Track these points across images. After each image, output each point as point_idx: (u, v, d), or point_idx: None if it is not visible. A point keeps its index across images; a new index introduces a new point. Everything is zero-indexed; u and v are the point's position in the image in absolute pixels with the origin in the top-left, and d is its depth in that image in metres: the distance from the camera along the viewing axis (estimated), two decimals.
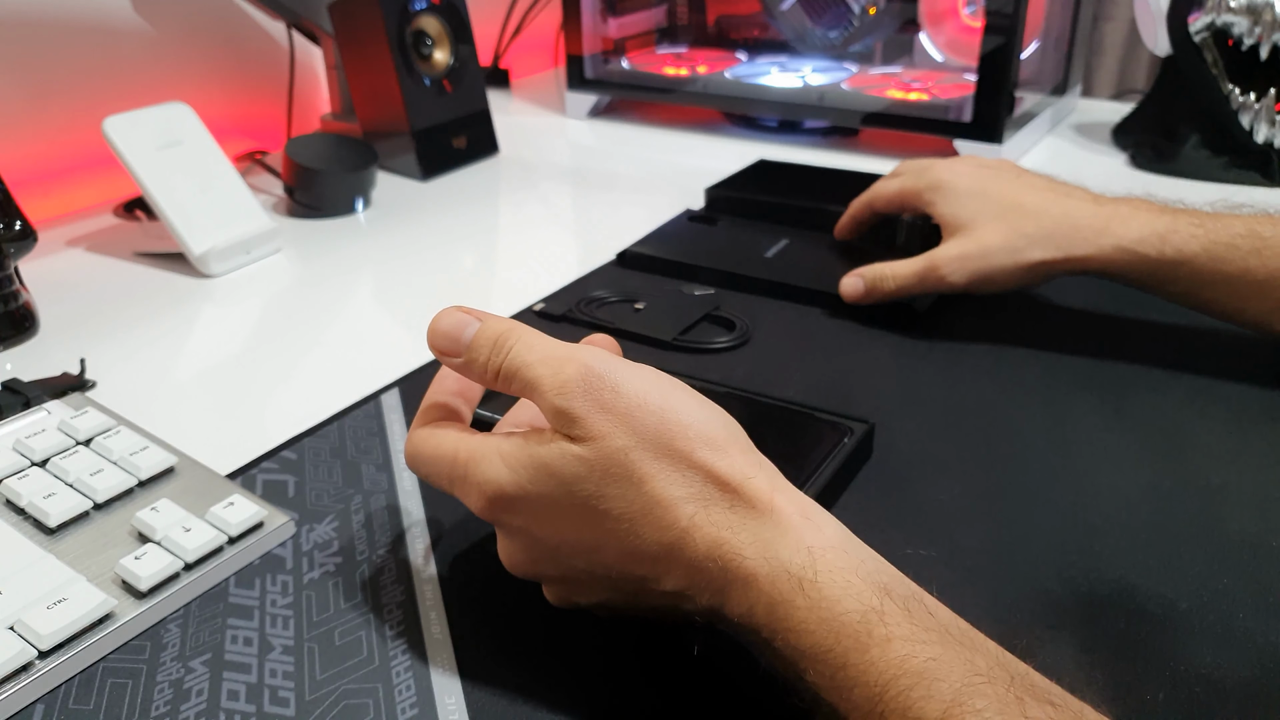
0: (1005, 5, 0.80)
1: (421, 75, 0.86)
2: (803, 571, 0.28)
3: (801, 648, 0.28)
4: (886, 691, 0.26)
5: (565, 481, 0.31)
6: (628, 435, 0.30)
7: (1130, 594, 0.37)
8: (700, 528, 0.30)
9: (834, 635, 0.27)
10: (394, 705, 0.33)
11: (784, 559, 0.29)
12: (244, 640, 0.36)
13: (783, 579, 0.28)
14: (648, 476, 0.30)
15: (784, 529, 0.29)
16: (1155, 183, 0.82)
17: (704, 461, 0.30)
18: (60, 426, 0.45)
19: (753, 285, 0.62)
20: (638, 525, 0.30)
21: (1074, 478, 0.43)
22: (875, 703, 0.26)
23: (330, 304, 0.64)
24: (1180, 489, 0.42)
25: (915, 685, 0.26)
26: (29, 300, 0.60)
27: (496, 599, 0.37)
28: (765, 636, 0.29)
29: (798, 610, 0.28)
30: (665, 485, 0.30)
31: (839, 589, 0.28)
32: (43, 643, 0.34)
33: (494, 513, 0.33)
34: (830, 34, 1.00)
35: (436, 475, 0.35)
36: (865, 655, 0.27)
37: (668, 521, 0.30)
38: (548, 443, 0.31)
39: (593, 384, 0.31)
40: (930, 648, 0.26)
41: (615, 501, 0.30)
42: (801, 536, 0.29)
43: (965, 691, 0.25)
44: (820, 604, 0.28)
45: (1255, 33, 0.77)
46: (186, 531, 0.39)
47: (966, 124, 0.84)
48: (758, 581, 0.29)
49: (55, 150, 0.82)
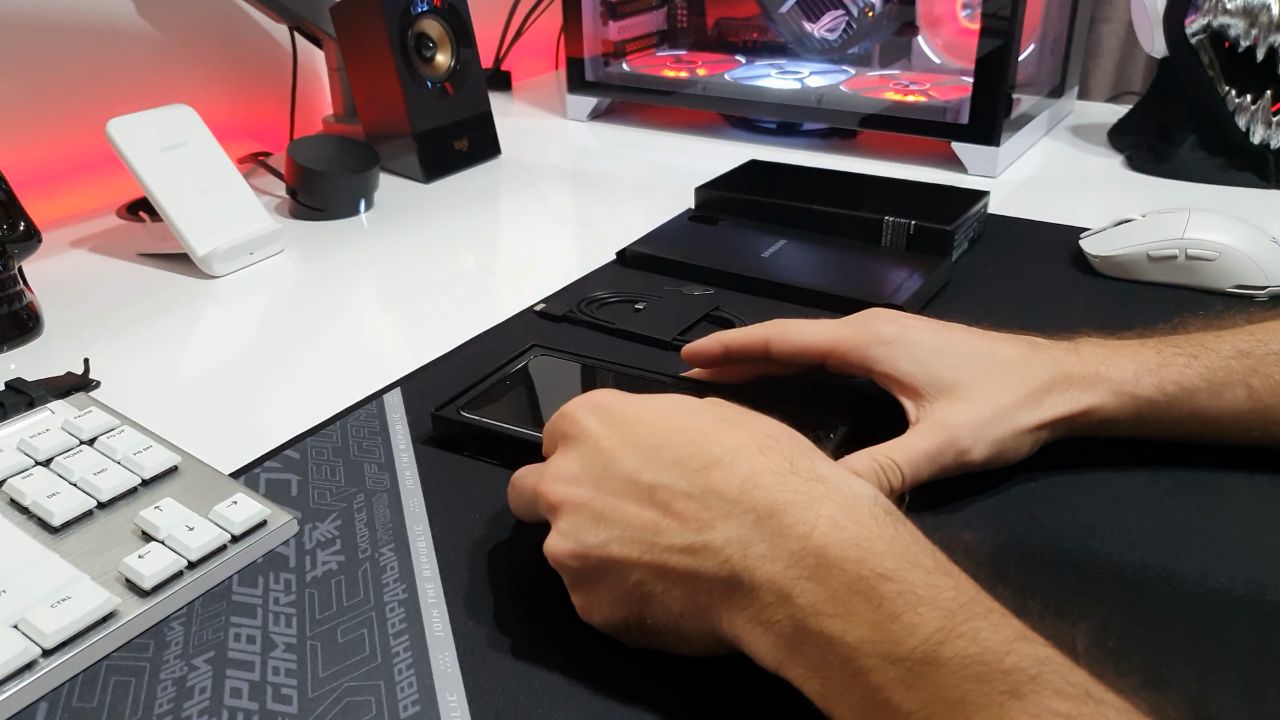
0: (1002, 8, 0.80)
1: (423, 78, 0.86)
2: (886, 506, 0.30)
3: (868, 564, 0.28)
4: (957, 615, 0.26)
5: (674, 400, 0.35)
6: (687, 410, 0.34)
7: (1130, 594, 0.37)
8: (775, 449, 0.32)
9: (910, 559, 0.28)
10: (396, 703, 0.33)
11: (867, 492, 0.30)
12: (247, 638, 0.36)
13: (865, 500, 0.30)
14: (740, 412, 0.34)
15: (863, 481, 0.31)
16: (1152, 184, 0.82)
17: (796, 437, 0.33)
18: (64, 426, 0.45)
19: (752, 285, 0.63)
20: (718, 430, 0.32)
21: (1073, 477, 0.44)
22: (942, 624, 0.26)
23: (333, 304, 0.65)
24: (1180, 487, 0.43)
25: (985, 615, 0.26)
26: (33, 301, 0.61)
27: (498, 597, 0.38)
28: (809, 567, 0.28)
29: (874, 529, 0.29)
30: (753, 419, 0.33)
31: (912, 535, 0.29)
32: (46, 641, 0.34)
33: (580, 412, 0.35)
34: (828, 37, 1.01)
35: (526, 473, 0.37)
36: (941, 580, 0.27)
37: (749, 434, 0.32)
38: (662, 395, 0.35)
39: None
40: (998, 605, 0.27)
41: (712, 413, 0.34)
42: (879, 493, 0.31)
43: (1028, 634, 0.26)
44: (900, 532, 0.29)
45: (1251, 34, 0.77)
46: (190, 530, 0.39)
47: (964, 126, 0.85)
48: (834, 499, 0.30)
49: (59, 152, 0.83)
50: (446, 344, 0.57)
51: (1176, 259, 0.61)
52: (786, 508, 0.29)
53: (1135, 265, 0.62)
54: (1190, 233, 0.61)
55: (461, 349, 0.57)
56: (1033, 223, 0.74)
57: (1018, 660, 0.25)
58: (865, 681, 0.26)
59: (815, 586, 0.28)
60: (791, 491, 0.30)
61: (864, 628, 0.27)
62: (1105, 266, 0.64)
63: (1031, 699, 0.24)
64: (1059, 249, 0.68)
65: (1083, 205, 0.78)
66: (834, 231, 0.69)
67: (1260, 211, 0.75)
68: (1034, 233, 0.72)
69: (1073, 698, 0.24)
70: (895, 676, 0.26)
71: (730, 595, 0.30)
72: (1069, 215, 0.74)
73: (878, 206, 0.69)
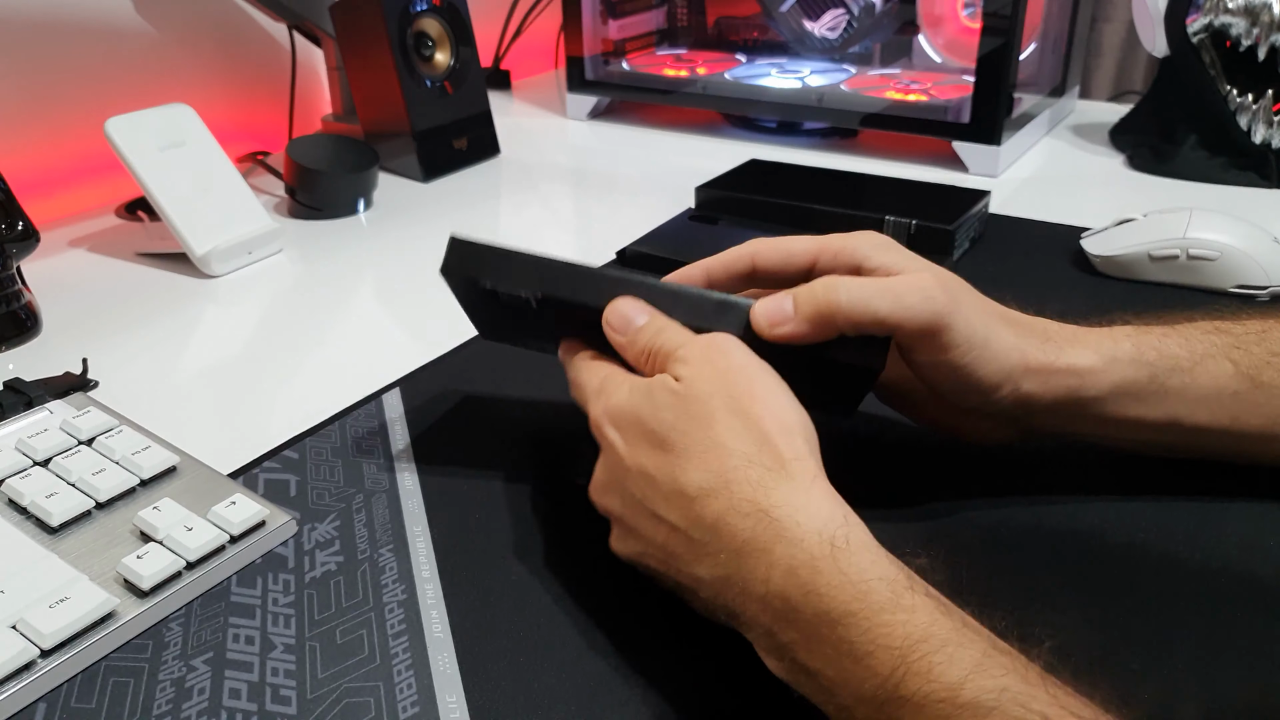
0: (1003, 7, 0.80)
1: (423, 77, 0.86)
2: (834, 537, 0.30)
3: (820, 610, 0.28)
4: (909, 655, 0.27)
5: (655, 406, 0.34)
6: (718, 386, 0.34)
7: (1130, 594, 0.37)
8: (739, 484, 0.31)
9: (860, 599, 0.28)
10: (395, 704, 0.33)
11: (815, 524, 0.30)
12: (245, 639, 0.36)
13: (812, 539, 0.30)
14: (715, 422, 0.33)
15: (819, 502, 0.31)
16: (1154, 184, 0.82)
17: (767, 431, 0.33)
18: (62, 426, 0.45)
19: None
20: (691, 461, 0.33)
21: (1072, 477, 0.43)
22: (896, 666, 0.27)
23: (332, 304, 0.64)
24: (1179, 486, 0.43)
25: (938, 650, 0.27)
26: (31, 300, 0.61)
27: (497, 598, 0.38)
28: (777, 610, 0.29)
29: (823, 572, 0.29)
30: (726, 434, 0.33)
31: (868, 559, 0.29)
32: (45, 641, 0.34)
33: (603, 423, 0.36)
34: (829, 36, 1.00)
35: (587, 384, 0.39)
36: (891, 617, 0.27)
37: (715, 466, 0.32)
38: (659, 377, 0.35)
39: (711, 346, 0.35)
40: (952, 621, 0.28)
41: (682, 435, 0.33)
42: (834, 511, 0.31)
43: (986, 662, 0.26)
44: (849, 568, 0.29)
45: (1253, 34, 0.77)
46: (188, 531, 0.39)
47: (965, 125, 0.85)
48: (783, 541, 0.30)
49: (57, 151, 0.83)
50: (446, 344, 0.57)
51: (1178, 259, 0.61)
52: (749, 552, 0.31)
53: (1136, 265, 0.62)
54: (1191, 232, 0.61)
55: (461, 349, 0.57)
56: (1034, 222, 0.74)
57: (974, 693, 0.26)
58: (851, 714, 0.28)
59: (788, 627, 0.29)
60: (749, 533, 0.31)
61: (834, 669, 0.28)
62: (1106, 266, 0.64)
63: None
64: (1060, 249, 0.68)
65: (1084, 205, 0.78)
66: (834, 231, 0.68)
67: (1261, 211, 0.75)
68: (1035, 232, 0.72)
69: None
70: (867, 714, 0.27)
71: (732, 618, 0.32)
72: (1070, 215, 0.74)
73: (878, 206, 0.69)
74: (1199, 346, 0.40)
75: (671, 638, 0.36)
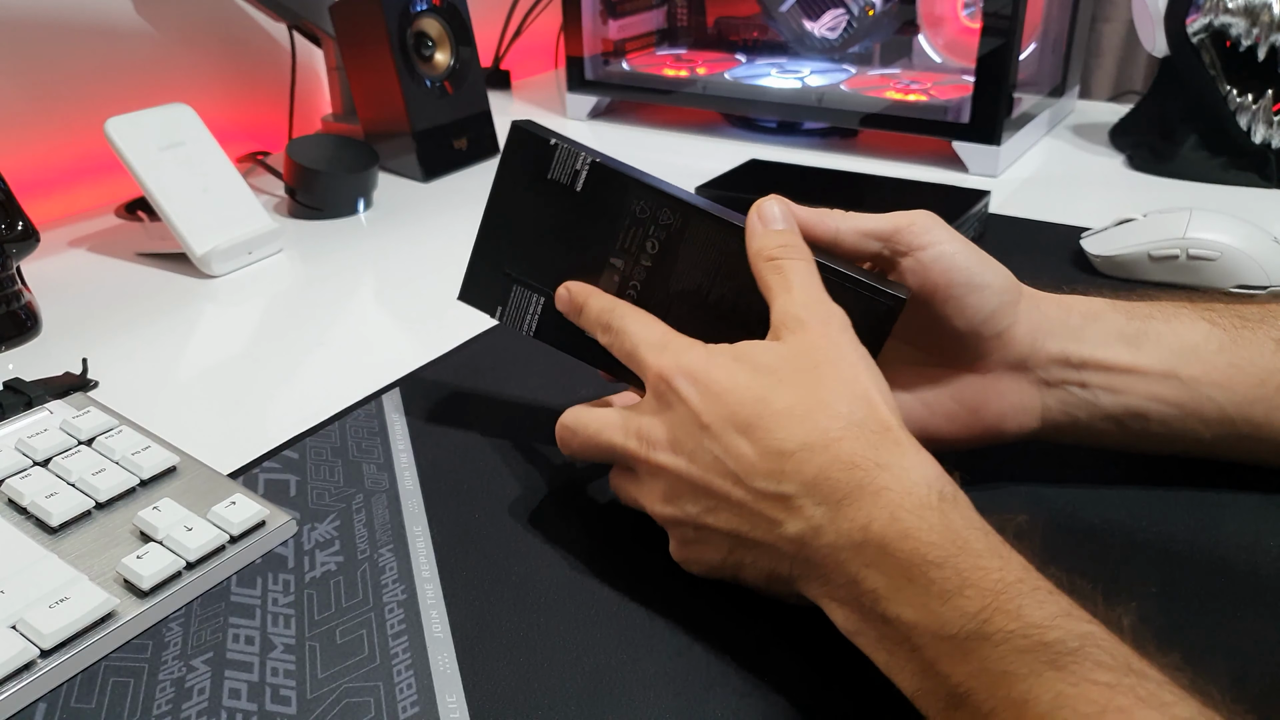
0: (1003, 7, 0.80)
1: (423, 76, 0.86)
2: (941, 491, 0.31)
3: (917, 553, 0.29)
4: (1000, 596, 0.28)
5: (754, 363, 0.35)
6: (828, 347, 0.35)
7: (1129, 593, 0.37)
8: (845, 441, 0.32)
9: (959, 545, 0.29)
10: (395, 704, 0.33)
11: (925, 479, 0.31)
12: (245, 639, 0.36)
13: (921, 489, 0.31)
14: (825, 382, 0.34)
15: (925, 463, 0.32)
16: (1153, 184, 0.82)
17: (873, 400, 0.34)
18: (62, 426, 0.45)
19: None
20: (793, 419, 0.33)
21: (1073, 477, 0.43)
22: (986, 604, 0.28)
23: (331, 304, 0.64)
24: (1179, 486, 0.43)
25: (1029, 595, 0.28)
26: (31, 300, 0.61)
27: (498, 598, 0.38)
28: (869, 556, 0.30)
29: (925, 520, 0.30)
30: (834, 395, 0.33)
31: (969, 514, 0.31)
32: (45, 641, 0.34)
33: (674, 377, 0.36)
34: (829, 36, 1.00)
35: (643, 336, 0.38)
36: (987, 563, 0.29)
37: (821, 424, 0.33)
38: (747, 345, 0.36)
39: (832, 316, 0.36)
40: (1046, 583, 0.29)
41: (787, 390, 0.34)
42: (939, 472, 0.32)
43: (1073, 610, 0.28)
44: (952, 518, 0.30)
45: (1253, 34, 0.77)
46: (188, 531, 0.39)
47: (965, 125, 0.85)
48: (891, 490, 0.31)
49: (57, 151, 0.83)
50: (446, 344, 0.57)
51: (1178, 259, 0.61)
52: (850, 501, 0.31)
53: (1136, 265, 0.62)
54: (1191, 232, 0.61)
55: (461, 349, 0.57)
56: (1034, 222, 0.74)
57: (1060, 634, 0.26)
58: (920, 656, 0.29)
59: (875, 574, 0.30)
60: (855, 485, 0.31)
61: (918, 611, 0.29)
62: (1106, 266, 0.64)
63: (1071, 669, 0.25)
64: (1060, 249, 0.68)
65: (1084, 205, 0.78)
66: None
67: (1261, 211, 0.75)
68: (1035, 232, 0.72)
69: (1113, 669, 0.25)
70: (945, 651, 0.28)
71: (808, 574, 0.33)
72: (1070, 215, 0.74)
73: (878, 206, 0.68)
74: (1169, 309, 0.42)
75: (672, 637, 0.36)
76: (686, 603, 0.37)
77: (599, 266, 0.41)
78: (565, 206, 0.41)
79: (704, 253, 0.40)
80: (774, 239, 0.39)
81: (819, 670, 0.34)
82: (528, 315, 0.43)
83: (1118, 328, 0.41)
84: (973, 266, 0.40)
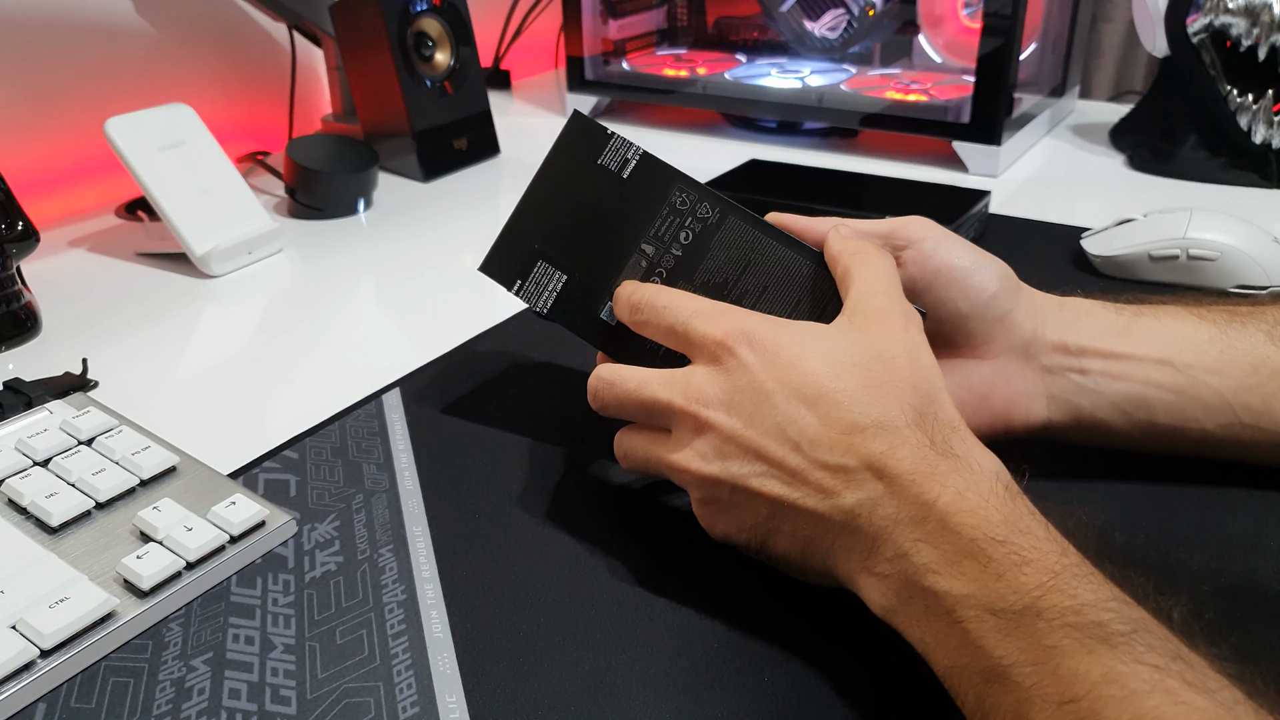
0: (1004, 6, 0.80)
1: (423, 76, 0.86)
2: (1007, 483, 0.32)
3: (980, 529, 0.30)
4: (1059, 576, 0.28)
5: (826, 341, 0.35)
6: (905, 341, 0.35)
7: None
8: (917, 428, 0.33)
9: (1020, 529, 0.30)
10: (395, 704, 0.33)
11: (992, 469, 0.32)
12: (245, 639, 0.36)
13: (989, 478, 0.31)
14: (900, 373, 0.34)
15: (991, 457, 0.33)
16: (1154, 184, 0.82)
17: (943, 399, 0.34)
18: (62, 426, 0.45)
19: None
20: (865, 399, 0.33)
21: (1075, 476, 0.43)
22: (1043, 581, 0.28)
23: (331, 304, 0.64)
24: (1180, 483, 0.43)
25: (1085, 579, 0.28)
26: (31, 300, 0.61)
27: (498, 598, 0.38)
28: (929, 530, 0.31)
29: (990, 502, 0.30)
30: (908, 387, 0.34)
31: (1031, 504, 0.31)
32: (45, 642, 0.34)
33: (734, 341, 0.35)
34: (829, 36, 1.00)
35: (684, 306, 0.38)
36: (1048, 546, 0.29)
37: (894, 409, 0.33)
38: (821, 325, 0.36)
39: (911, 311, 0.37)
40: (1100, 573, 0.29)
41: (860, 372, 0.34)
42: (1004, 467, 0.33)
43: (1125, 597, 0.28)
44: (1016, 506, 0.31)
45: (1253, 34, 0.77)
46: (188, 531, 0.39)
47: (965, 125, 0.85)
48: (960, 474, 0.31)
49: (57, 151, 0.82)
50: (446, 344, 0.57)
51: (1178, 259, 0.61)
52: (917, 479, 0.32)
53: (1137, 265, 0.62)
54: (1192, 233, 0.61)
55: (461, 349, 0.57)
56: (1034, 223, 0.74)
57: (1113, 617, 0.27)
58: (963, 630, 0.29)
59: (930, 548, 0.30)
60: (925, 464, 0.32)
61: (971, 584, 0.29)
62: (1107, 267, 0.64)
63: (1123, 649, 0.26)
64: (1060, 249, 0.68)
65: (1084, 205, 0.78)
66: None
67: (1262, 211, 0.75)
68: (1035, 233, 0.72)
69: (1163, 654, 0.26)
70: (994, 626, 0.28)
71: (851, 546, 0.33)
72: (1070, 215, 0.74)
73: (879, 206, 0.69)
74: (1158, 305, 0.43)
75: (672, 637, 0.36)
76: (687, 603, 0.37)
77: (628, 251, 0.43)
78: (609, 191, 0.43)
79: (735, 249, 0.41)
80: (854, 239, 0.40)
81: (820, 671, 0.34)
82: (545, 291, 0.44)
83: (1108, 321, 0.42)
84: (970, 253, 0.42)
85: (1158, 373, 0.41)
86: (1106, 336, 0.41)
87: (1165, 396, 0.41)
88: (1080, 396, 0.41)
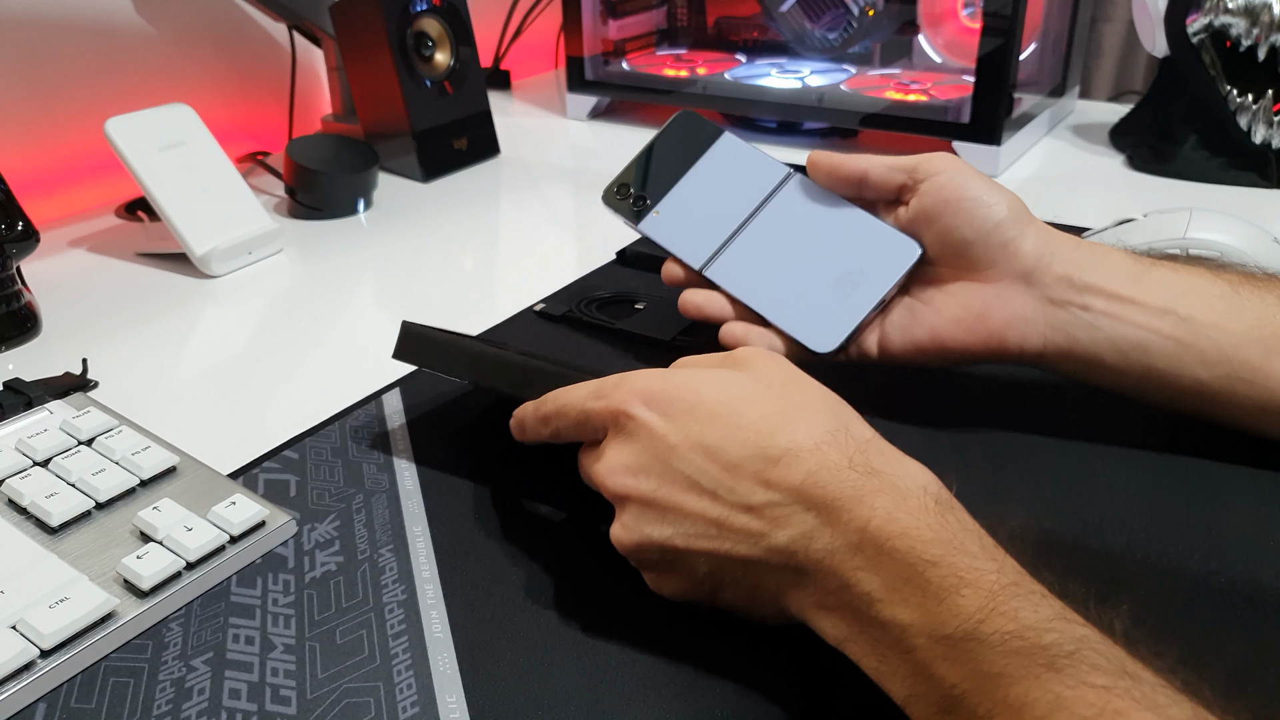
0: (1004, 7, 0.80)
1: (423, 77, 0.86)
2: (937, 495, 0.31)
3: (914, 551, 0.29)
4: (997, 598, 0.28)
5: (718, 381, 0.35)
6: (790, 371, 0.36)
7: (1130, 593, 0.37)
8: (833, 446, 0.32)
9: (956, 546, 0.29)
10: (395, 704, 0.33)
11: (918, 483, 0.31)
12: (245, 639, 0.36)
13: (917, 493, 0.31)
14: (797, 397, 0.34)
15: (916, 469, 0.32)
16: (1153, 184, 0.82)
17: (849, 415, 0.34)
18: (62, 426, 0.45)
19: None
20: (773, 427, 0.33)
21: (1072, 475, 0.43)
22: (983, 605, 0.28)
23: (331, 304, 0.64)
24: (1179, 484, 0.43)
25: (1025, 597, 0.28)
26: (31, 301, 0.61)
27: (498, 598, 0.38)
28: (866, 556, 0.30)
29: (922, 520, 0.30)
30: (810, 408, 0.34)
31: (963, 517, 0.31)
32: (45, 642, 0.34)
33: (631, 404, 0.35)
34: (829, 36, 1.00)
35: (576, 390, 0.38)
36: (984, 564, 0.29)
37: (804, 431, 0.33)
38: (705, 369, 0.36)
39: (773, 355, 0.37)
40: (1040, 587, 0.29)
41: (760, 403, 0.34)
42: (932, 478, 0.32)
43: (1068, 614, 0.28)
44: (948, 521, 0.30)
45: (1253, 34, 0.77)
46: (188, 531, 0.39)
47: (965, 125, 0.85)
48: (887, 493, 0.31)
49: (57, 151, 0.82)
50: None
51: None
52: (844, 503, 0.31)
53: None
54: (1192, 233, 0.61)
55: None
56: None
57: (1056, 637, 0.26)
58: (914, 659, 0.28)
59: (870, 575, 0.30)
60: (848, 487, 0.31)
61: (914, 612, 0.29)
62: None
63: (1068, 672, 0.25)
64: None
65: (1084, 205, 0.78)
66: None
67: (1262, 211, 0.75)
68: None
69: (1109, 672, 0.25)
70: (940, 653, 0.28)
71: (795, 583, 0.32)
72: (1070, 215, 0.74)
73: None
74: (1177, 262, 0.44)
75: (672, 637, 0.36)
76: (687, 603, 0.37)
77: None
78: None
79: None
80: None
81: (820, 671, 0.34)
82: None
83: (1124, 266, 0.43)
84: (983, 184, 0.45)
85: (1160, 321, 0.41)
86: (1118, 280, 0.42)
87: (1165, 344, 0.41)
88: (1079, 330, 0.42)
